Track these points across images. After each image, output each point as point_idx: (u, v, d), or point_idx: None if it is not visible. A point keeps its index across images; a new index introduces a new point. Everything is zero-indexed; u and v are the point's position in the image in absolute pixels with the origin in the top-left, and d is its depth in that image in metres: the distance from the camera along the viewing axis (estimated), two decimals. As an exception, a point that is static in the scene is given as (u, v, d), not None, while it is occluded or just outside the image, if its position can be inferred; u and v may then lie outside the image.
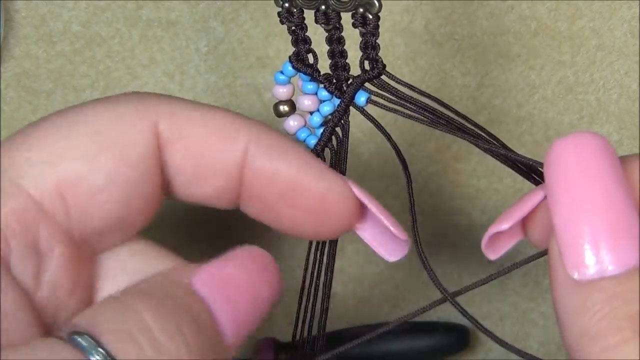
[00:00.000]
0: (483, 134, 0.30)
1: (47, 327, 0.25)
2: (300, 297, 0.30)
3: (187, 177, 0.27)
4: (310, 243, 0.31)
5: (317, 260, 0.30)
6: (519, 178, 0.30)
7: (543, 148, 0.42)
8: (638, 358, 0.22)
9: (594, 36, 0.40)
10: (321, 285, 0.30)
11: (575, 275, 0.23)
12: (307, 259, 0.30)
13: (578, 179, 0.24)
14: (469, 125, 0.30)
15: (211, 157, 0.27)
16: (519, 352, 0.25)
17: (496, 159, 0.29)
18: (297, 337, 0.30)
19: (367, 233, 0.29)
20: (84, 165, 0.26)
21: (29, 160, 0.25)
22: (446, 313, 0.45)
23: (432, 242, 0.44)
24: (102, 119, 0.26)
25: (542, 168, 0.25)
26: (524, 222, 0.27)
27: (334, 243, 0.31)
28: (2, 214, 0.24)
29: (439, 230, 0.44)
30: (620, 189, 0.24)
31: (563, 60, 0.41)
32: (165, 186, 0.28)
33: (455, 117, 0.30)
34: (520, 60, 0.41)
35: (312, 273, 0.30)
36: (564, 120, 0.42)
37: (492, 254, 0.27)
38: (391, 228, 0.28)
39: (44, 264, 0.25)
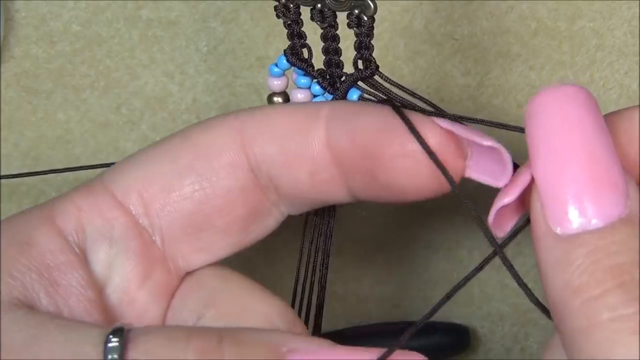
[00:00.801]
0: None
1: (113, 314, 0.27)
2: (295, 295, 0.30)
3: (278, 166, 0.28)
4: (303, 239, 0.31)
5: (315, 245, 0.30)
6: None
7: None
8: (619, 307, 0.21)
9: (594, 36, 0.40)
10: (316, 282, 0.30)
11: (558, 230, 0.23)
12: (300, 254, 0.30)
13: (558, 130, 0.23)
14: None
15: (295, 141, 0.28)
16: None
17: None
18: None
19: (473, 170, 0.28)
20: (164, 165, 0.28)
21: (119, 167, 0.28)
22: (446, 313, 0.45)
23: (431, 240, 0.44)
24: (186, 132, 0.29)
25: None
26: (524, 197, 0.26)
27: (328, 238, 0.31)
28: (82, 204, 0.27)
29: (439, 228, 0.44)
30: (603, 140, 0.23)
31: (563, 60, 0.41)
32: (261, 192, 0.28)
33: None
34: (520, 60, 0.41)
35: (307, 270, 0.30)
36: (564, 120, 0.42)
37: (500, 231, 0.27)
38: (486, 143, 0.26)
39: (118, 254, 0.27)
